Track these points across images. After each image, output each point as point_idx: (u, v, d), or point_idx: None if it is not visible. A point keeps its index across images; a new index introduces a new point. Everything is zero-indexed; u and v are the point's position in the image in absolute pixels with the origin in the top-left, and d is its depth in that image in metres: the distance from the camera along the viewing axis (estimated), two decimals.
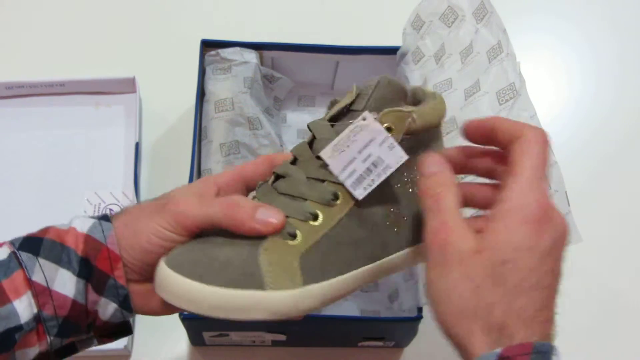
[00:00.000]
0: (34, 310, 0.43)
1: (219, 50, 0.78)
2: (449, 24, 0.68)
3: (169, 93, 0.88)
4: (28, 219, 0.49)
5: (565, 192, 0.55)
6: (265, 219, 0.45)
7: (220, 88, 0.77)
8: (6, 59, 0.92)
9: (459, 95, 0.64)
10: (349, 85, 0.50)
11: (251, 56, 0.79)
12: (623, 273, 0.81)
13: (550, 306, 0.41)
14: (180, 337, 0.74)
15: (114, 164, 0.83)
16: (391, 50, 0.77)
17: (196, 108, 0.76)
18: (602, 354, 0.76)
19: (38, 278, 0.44)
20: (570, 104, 0.95)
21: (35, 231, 0.46)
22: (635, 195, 0.87)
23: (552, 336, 0.40)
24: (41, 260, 0.44)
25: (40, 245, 0.44)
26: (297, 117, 0.86)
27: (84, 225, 0.46)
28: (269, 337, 0.71)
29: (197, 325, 0.68)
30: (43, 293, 0.44)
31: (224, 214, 0.45)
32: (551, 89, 0.96)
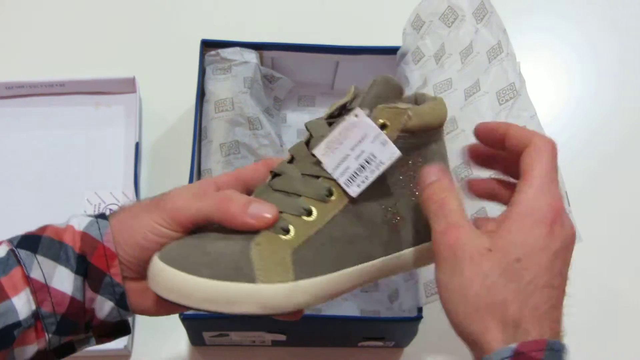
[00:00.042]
0: (33, 307, 0.43)
1: (219, 50, 0.78)
2: (449, 24, 0.68)
3: (169, 93, 0.88)
4: (28, 219, 0.48)
5: (566, 192, 0.55)
6: (258, 213, 0.45)
7: (220, 88, 0.77)
8: (6, 59, 0.92)
9: (459, 95, 0.64)
10: (349, 85, 0.50)
11: (251, 56, 0.79)
12: (623, 273, 0.81)
13: (559, 307, 0.41)
14: (180, 337, 0.74)
15: (114, 164, 0.83)
16: (391, 50, 0.77)
17: (196, 108, 0.76)
18: (602, 354, 0.76)
19: (36, 275, 0.44)
20: (570, 104, 0.95)
21: (33, 230, 0.46)
22: (635, 195, 0.87)
23: (562, 336, 0.41)
24: (39, 258, 0.44)
25: (39, 243, 0.44)
26: (297, 117, 0.86)
27: (81, 223, 0.46)
28: (269, 337, 0.71)
29: (197, 325, 0.68)
30: (41, 290, 0.44)
31: (216, 208, 0.45)
32: (551, 89, 0.96)
